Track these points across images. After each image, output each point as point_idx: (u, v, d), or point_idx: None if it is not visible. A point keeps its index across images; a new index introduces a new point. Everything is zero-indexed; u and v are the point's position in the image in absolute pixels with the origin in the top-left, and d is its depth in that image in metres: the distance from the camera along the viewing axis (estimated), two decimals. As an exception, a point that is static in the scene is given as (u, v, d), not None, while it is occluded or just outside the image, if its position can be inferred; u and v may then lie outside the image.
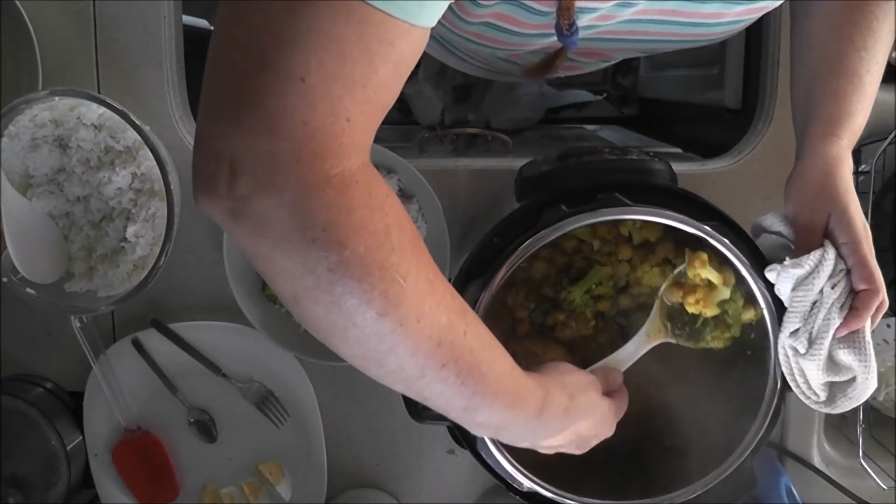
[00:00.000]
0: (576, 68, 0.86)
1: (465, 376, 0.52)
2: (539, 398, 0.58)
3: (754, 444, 0.69)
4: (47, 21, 0.89)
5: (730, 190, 0.93)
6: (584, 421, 0.63)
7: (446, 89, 1.36)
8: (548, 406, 0.59)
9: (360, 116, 0.45)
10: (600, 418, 0.65)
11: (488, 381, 0.53)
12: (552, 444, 0.63)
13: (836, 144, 0.66)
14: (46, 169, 0.86)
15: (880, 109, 0.92)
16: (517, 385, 0.57)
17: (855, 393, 0.64)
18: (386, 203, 0.47)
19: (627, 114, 1.68)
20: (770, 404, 0.68)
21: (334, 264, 0.45)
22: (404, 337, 0.48)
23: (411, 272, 0.48)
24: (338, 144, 0.45)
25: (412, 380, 0.51)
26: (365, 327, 0.47)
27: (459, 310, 0.52)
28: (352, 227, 0.45)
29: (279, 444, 0.96)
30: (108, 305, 0.86)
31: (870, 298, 0.62)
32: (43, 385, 0.96)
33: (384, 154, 0.89)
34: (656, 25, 0.70)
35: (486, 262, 0.67)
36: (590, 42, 0.72)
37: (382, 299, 0.46)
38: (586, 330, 0.78)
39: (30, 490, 0.92)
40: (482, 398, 0.53)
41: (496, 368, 0.54)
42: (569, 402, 0.61)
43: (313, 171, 0.44)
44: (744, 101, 1.11)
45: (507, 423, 0.57)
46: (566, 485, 0.69)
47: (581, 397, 0.63)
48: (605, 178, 0.71)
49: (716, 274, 0.68)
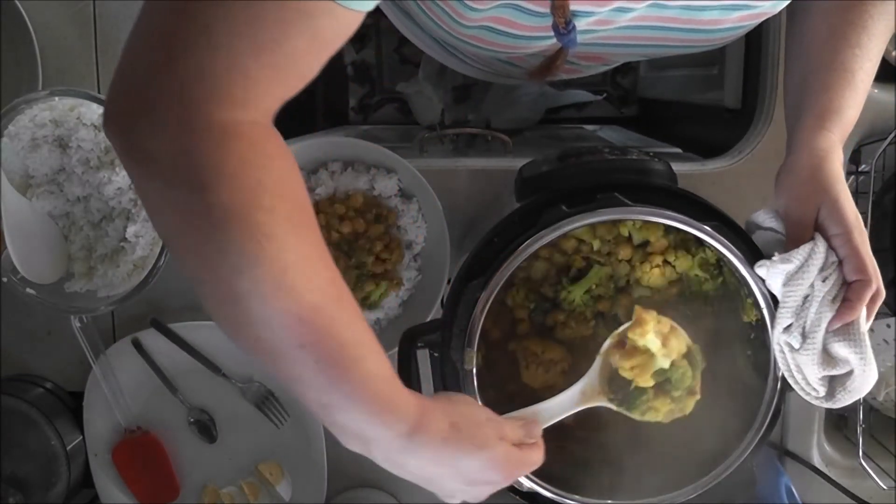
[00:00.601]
0: (577, 71, 0.86)
1: (327, 366, 0.49)
2: (412, 416, 0.53)
3: (754, 444, 0.69)
4: (47, 21, 0.89)
5: (730, 190, 0.93)
6: (468, 459, 0.56)
7: (446, 89, 1.36)
8: (422, 428, 0.53)
9: (261, 78, 0.46)
10: (491, 462, 0.57)
11: (353, 378, 0.50)
12: (428, 475, 0.57)
13: (826, 138, 0.65)
14: (46, 169, 0.86)
15: (880, 109, 0.92)
16: (388, 394, 0.52)
17: (854, 385, 0.63)
18: (270, 164, 0.47)
19: (627, 114, 1.68)
20: (770, 404, 0.68)
21: (198, 208, 0.46)
22: (260, 302, 0.47)
23: (277, 237, 0.46)
24: (227, 94, 0.46)
25: (271, 356, 0.49)
26: (221, 282, 0.47)
27: (334, 296, 0.50)
28: (221, 175, 0.45)
29: (279, 444, 0.96)
30: (108, 305, 0.86)
31: (862, 289, 0.61)
32: (43, 385, 0.96)
33: (384, 154, 0.89)
34: (656, 31, 0.70)
35: (486, 262, 0.67)
36: (590, 47, 0.72)
37: (238, 255, 0.46)
38: (586, 330, 0.78)
39: (30, 490, 0.92)
40: (342, 396, 0.50)
41: (366, 368, 0.50)
42: (449, 433, 0.55)
43: (196, 112, 0.45)
44: (744, 101, 1.11)
45: (372, 435, 0.52)
46: (566, 485, 0.69)
47: (469, 431, 0.56)
48: (605, 178, 0.71)
49: (657, 343, 0.65)
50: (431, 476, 0.57)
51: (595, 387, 0.68)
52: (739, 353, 0.73)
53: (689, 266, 0.75)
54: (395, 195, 0.90)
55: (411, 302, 0.92)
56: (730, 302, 0.75)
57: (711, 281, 0.75)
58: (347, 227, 0.89)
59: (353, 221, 0.89)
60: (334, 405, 0.51)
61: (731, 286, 0.74)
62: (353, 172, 0.90)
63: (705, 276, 0.75)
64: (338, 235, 0.90)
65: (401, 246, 0.91)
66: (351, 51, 1.65)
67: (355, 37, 0.59)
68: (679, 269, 0.76)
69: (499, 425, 0.59)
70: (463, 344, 0.67)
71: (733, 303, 0.74)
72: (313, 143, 0.90)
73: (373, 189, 0.90)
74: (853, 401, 0.64)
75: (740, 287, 0.70)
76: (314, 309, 0.48)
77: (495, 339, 0.76)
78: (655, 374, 0.67)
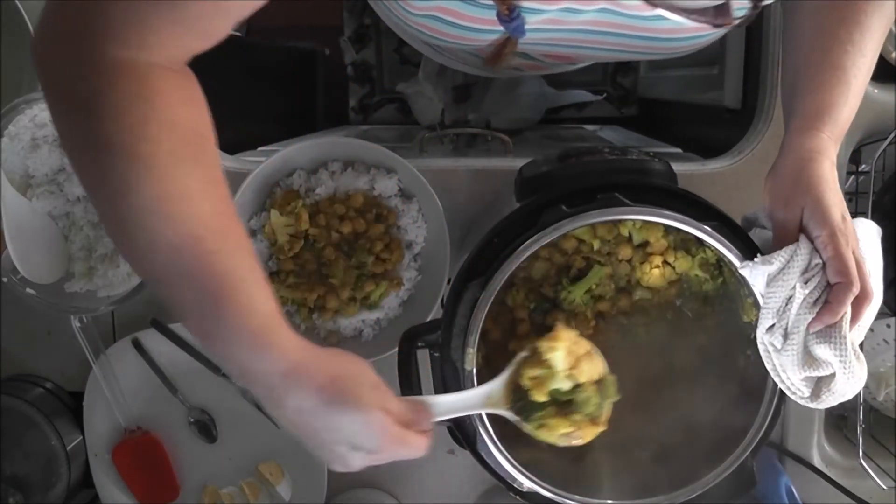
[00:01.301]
0: (543, 68, 0.86)
1: (205, 296, 0.51)
2: (291, 356, 0.53)
3: (754, 444, 0.69)
4: (47, 21, 0.89)
5: (730, 190, 0.93)
6: (342, 415, 0.54)
7: (446, 89, 1.36)
8: (299, 371, 0.53)
9: (160, 29, 0.50)
10: (366, 425, 0.55)
11: (231, 311, 0.51)
12: (304, 423, 0.55)
13: (815, 138, 0.64)
14: (46, 169, 0.86)
15: (880, 109, 0.92)
16: (267, 329, 0.52)
17: (837, 388, 0.63)
18: (160, 100, 0.50)
19: (627, 114, 1.68)
20: (770, 404, 0.68)
21: (88, 134, 0.50)
22: (140, 228, 0.50)
23: (158, 168, 0.50)
24: (123, 37, 0.49)
25: (154, 281, 0.52)
26: (106, 203, 0.51)
27: (218, 230, 0.52)
28: (108, 106, 0.49)
29: (279, 444, 0.96)
30: (108, 305, 0.86)
31: (842, 292, 0.60)
32: (43, 385, 0.96)
33: (384, 154, 0.89)
34: (615, 37, 0.70)
35: (486, 262, 0.67)
36: (550, 46, 0.73)
37: (119, 181, 0.49)
38: (586, 330, 0.78)
39: (30, 490, 0.92)
40: (220, 327, 0.51)
41: (245, 301, 0.51)
42: (328, 383, 0.54)
43: (93, 48, 0.49)
44: (744, 101, 1.11)
45: (249, 368, 0.53)
46: (566, 485, 0.69)
47: (349, 388, 0.55)
48: (605, 178, 0.71)
49: (563, 362, 0.64)
50: (307, 425, 0.56)
51: (500, 394, 0.65)
52: (739, 353, 0.73)
53: (689, 266, 0.75)
54: (395, 195, 0.90)
55: (411, 302, 0.92)
56: (730, 302, 0.75)
57: (711, 281, 0.75)
58: (347, 227, 0.89)
59: (354, 221, 0.89)
60: (213, 335, 0.53)
61: (731, 286, 0.74)
62: (353, 172, 0.90)
63: (705, 277, 0.75)
64: (338, 235, 0.90)
65: (401, 246, 0.91)
66: (351, 51, 1.65)
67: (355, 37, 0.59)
68: (679, 270, 0.76)
69: (385, 395, 0.58)
70: (463, 344, 0.66)
71: (733, 303, 0.74)
72: (313, 143, 0.90)
73: (373, 189, 0.90)
74: (838, 402, 0.64)
75: (740, 287, 0.70)
76: (194, 239, 0.50)
77: (495, 339, 0.76)
78: (554, 392, 0.65)
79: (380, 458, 0.57)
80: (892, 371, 0.97)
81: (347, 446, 0.56)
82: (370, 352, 0.89)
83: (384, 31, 1.63)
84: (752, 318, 0.71)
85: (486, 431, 0.67)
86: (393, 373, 0.68)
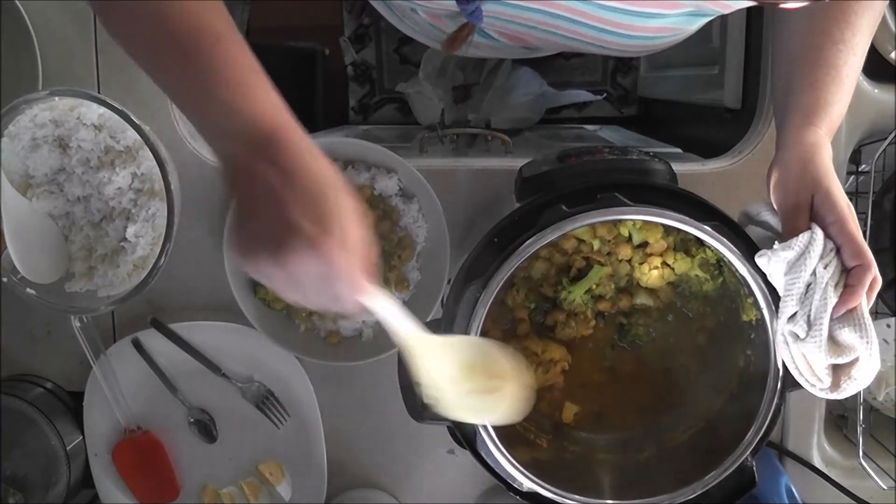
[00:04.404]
0: (496, 49, 0.86)
1: (187, 52, 0.54)
2: (269, 117, 0.54)
3: (754, 444, 0.69)
4: (47, 21, 0.88)
5: (730, 190, 0.93)
6: (293, 211, 0.51)
7: (446, 89, 1.36)
8: (279, 137, 0.54)
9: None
10: (341, 219, 0.52)
11: (212, 62, 0.54)
12: (258, 210, 0.52)
13: (814, 133, 0.67)
14: (46, 169, 0.86)
15: (880, 109, 0.92)
16: (248, 84, 0.55)
17: (860, 374, 0.63)
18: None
19: (627, 114, 1.68)
20: (770, 404, 0.68)
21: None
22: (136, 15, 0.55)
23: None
24: None
25: (150, 53, 0.56)
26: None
27: (199, 30, 0.55)
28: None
29: (279, 444, 0.96)
30: (108, 305, 0.86)
31: (863, 274, 0.62)
32: (43, 385, 0.96)
33: (384, 154, 0.89)
34: (569, 24, 0.71)
35: (486, 262, 0.67)
36: (505, 23, 0.74)
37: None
38: (586, 330, 0.78)
39: (30, 490, 0.92)
40: (203, 81, 0.54)
41: (226, 50, 0.55)
42: (314, 164, 0.54)
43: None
44: (744, 101, 1.11)
45: (228, 128, 0.54)
46: (566, 485, 0.69)
47: (318, 191, 0.53)
48: (605, 178, 0.71)
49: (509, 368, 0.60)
50: (259, 214, 0.52)
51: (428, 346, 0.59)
52: (739, 353, 0.73)
53: (689, 268, 0.75)
54: (395, 195, 0.90)
55: (411, 302, 0.92)
56: (730, 302, 0.75)
57: (711, 281, 0.75)
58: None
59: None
60: (196, 93, 0.55)
61: (731, 286, 0.74)
62: (353, 172, 0.90)
63: (705, 277, 0.75)
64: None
65: (412, 244, 0.91)
66: (351, 51, 1.65)
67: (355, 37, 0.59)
68: (678, 272, 0.76)
69: (353, 225, 0.53)
70: (463, 344, 0.66)
71: (733, 303, 0.74)
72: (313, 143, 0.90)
73: (373, 189, 0.90)
74: (858, 390, 0.64)
75: (740, 287, 0.70)
76: (181, 9, 0.54)
77: (495, 339, 0.76)
78: None
79: (320, 296, 0.53)
80: (892, 371, 0.97)
81: (278, 267, 0.51)
82: (370, 352, 0.89)
83: (384, 30, 1.63)
84: (752, 318, 0.71)
85: (486, 431, 0.67)
86: (393, 373, 0.68)
